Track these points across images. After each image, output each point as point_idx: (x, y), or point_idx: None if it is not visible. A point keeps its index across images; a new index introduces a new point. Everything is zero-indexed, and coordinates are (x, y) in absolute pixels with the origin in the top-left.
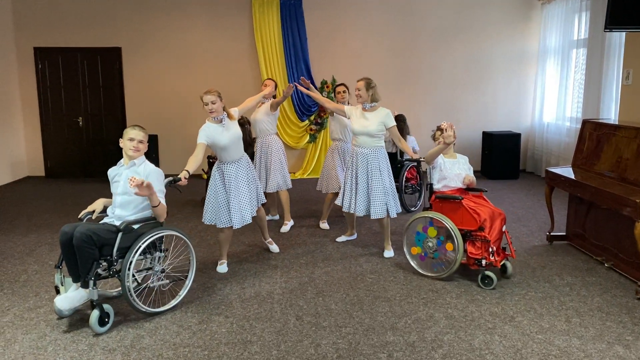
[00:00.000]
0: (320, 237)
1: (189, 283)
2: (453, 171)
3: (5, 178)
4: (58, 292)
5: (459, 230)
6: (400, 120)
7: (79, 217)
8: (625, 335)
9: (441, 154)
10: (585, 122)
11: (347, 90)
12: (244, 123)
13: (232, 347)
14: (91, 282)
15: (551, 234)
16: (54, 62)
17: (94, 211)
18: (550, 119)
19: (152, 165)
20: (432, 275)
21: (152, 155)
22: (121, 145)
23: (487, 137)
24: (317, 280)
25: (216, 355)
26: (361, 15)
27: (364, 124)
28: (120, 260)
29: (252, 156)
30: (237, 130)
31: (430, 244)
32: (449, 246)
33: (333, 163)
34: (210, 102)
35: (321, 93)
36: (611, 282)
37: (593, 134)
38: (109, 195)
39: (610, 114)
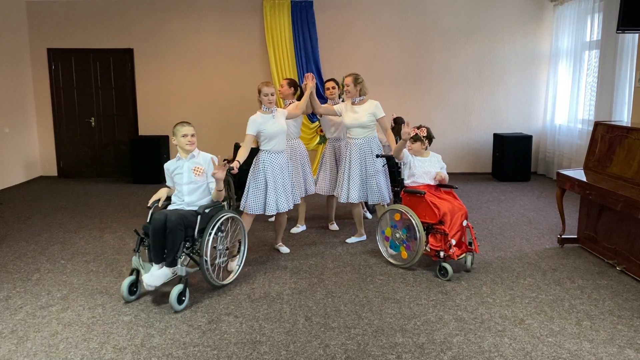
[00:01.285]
0: (330, 238)
1: (243, 257)
2: (422, 169)
3: (18, 178)
4: (135, 273)
5: (422, 223)
6: (398, 122)
7: (147, 205)
8: (637, 339)
9: (410, 153)
10: (597, 124)
11: (336, 86)
12: None
13: (241, 347)
14: (179, 260)
15: (562, 236)
16: (67, 63)
17: (159, 199)
18: (562, 121)
19: (208, 154)
20: (400, 264)
21: (164, 155)
22: (174, 142)
23: (498, 138)
24: (327, 281)
25: (225, 355)
26: (372, 16)
27: (355, 117)
28: (199, 240)
29: None
30: (283, 124)
31: (397, 235)
32: (396, 216)
33: (325, 164)
34: (270, 93)
35: None
36: (623, 286)
37: (605, 136)
38: (123, 192)
39: (623, 116)
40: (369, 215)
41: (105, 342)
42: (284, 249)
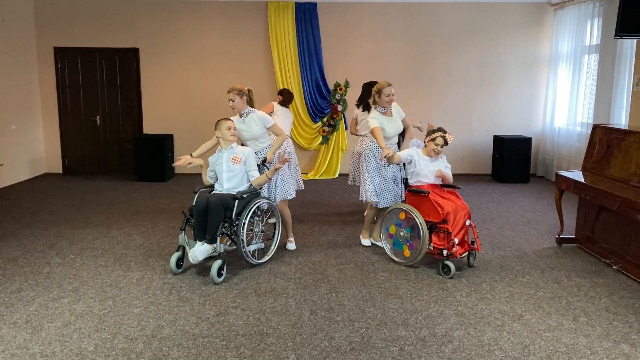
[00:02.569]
0: (333, 237)
1: (276, 241)
2: (427, 168)
3: (24, 174)
4: (181, 249)
5: (426, 222)
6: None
7: (193, 191)
8: (632, 335)
9: (419, 152)
10: (595, 127)
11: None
12: None
13: (249, 338)
14: (218, 238)
15: (560, 236)
16: (73, 62)
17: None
18: (561, 123)
19: (245, 147)
20: (403, 261)
21: (168, 154)
22: (218, 135)
23: (499, 140)
24: (330, 277)
25: (234, 345)
26: (375, 18)
27: (398, 125)
28: (236, 222)
29: None
30: (255, 130)
31: (402, 234)
32: (402, 215)
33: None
34: (229, 99)
35: (333, 96)
36: (619, 284)
37: (603, 139)
38: (127, 189)
39: (621, 120)
40: None
41: (117, 332)
42: (291, 246)
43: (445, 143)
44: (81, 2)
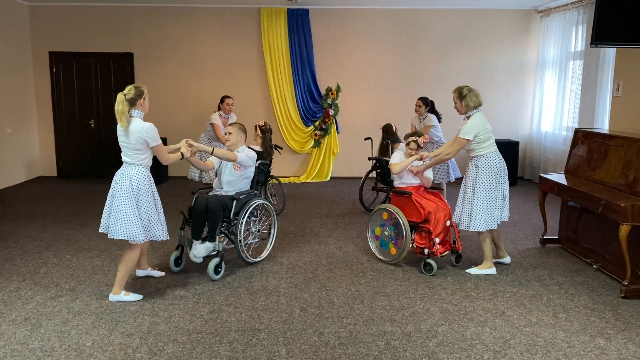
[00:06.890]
0: (324, 238)
1: (272, 240)
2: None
3: (19, 177)
4: (180, 248)
5: (409, 221)
6: (384, 130)
7: (192, 192)
8: (608, 330)
9: (403, 155)
10: (577, 131)
11: (422, 105)
12: (265, 130)
13: (241, 334)
14: (217, 237)
15: (544, 237)
16: (68, 66)
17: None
18: (548, 128)
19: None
20: (389, 260)
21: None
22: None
23: None
24: (321, 277)
25: (227, 340)
26: (366, 25)
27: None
28: (234, 221)
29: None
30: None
31: (386, 233)
32: (384, 215)
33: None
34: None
35: (325, 100)
36: (598, 282)
37: (584, 142)
38: None
39: (604, 124)
40: None
41: (113, 329)
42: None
43: (418, 146)
44: (76, 7)
